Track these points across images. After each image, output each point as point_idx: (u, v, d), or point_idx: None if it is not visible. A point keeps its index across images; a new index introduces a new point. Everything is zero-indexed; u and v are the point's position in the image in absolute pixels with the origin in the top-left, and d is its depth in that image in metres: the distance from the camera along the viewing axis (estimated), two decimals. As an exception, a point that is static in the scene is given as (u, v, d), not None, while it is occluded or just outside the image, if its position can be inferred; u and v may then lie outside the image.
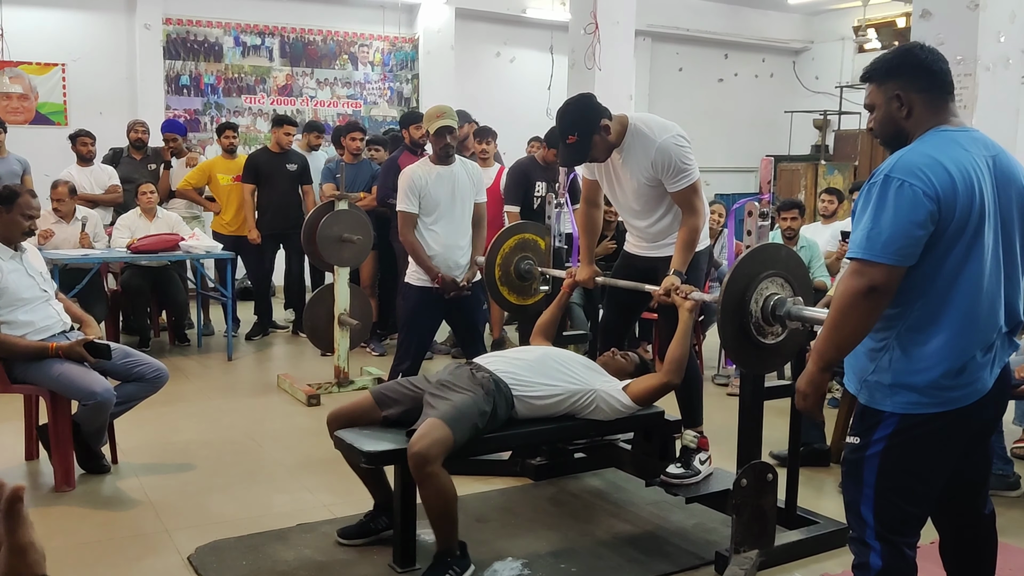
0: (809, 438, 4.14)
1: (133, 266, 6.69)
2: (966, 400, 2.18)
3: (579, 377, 3.38)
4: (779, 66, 12.92)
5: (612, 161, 3.57)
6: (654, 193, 3.53)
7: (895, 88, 2.24)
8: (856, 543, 2.30)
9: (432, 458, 2.89)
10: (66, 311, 4.16)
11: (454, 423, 2.99)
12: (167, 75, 9.36)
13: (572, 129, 3.38)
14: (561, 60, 8.97)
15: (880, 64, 2.30)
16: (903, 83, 2.24)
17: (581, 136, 3.38)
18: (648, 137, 3.43)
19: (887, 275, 2.09)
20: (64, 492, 3.88)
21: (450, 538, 3.03)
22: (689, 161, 3.44)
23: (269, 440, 4.71)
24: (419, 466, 2.89)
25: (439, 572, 3.01)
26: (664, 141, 3.41)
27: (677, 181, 3.44)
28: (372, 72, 10.41)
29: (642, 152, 3.45)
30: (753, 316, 2.97)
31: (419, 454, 2.89)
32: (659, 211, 3.59)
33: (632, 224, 3.74)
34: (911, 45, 2.34)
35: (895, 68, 2.26)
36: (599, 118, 3.40)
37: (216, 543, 3.37)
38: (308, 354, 6.80)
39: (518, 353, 3.54)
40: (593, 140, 3.39)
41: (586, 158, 3.48)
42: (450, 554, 3.03)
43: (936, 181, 2.08)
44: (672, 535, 3.55)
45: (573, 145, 3.40)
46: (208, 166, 7.49)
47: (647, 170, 3.46)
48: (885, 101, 2.27)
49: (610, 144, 3.46)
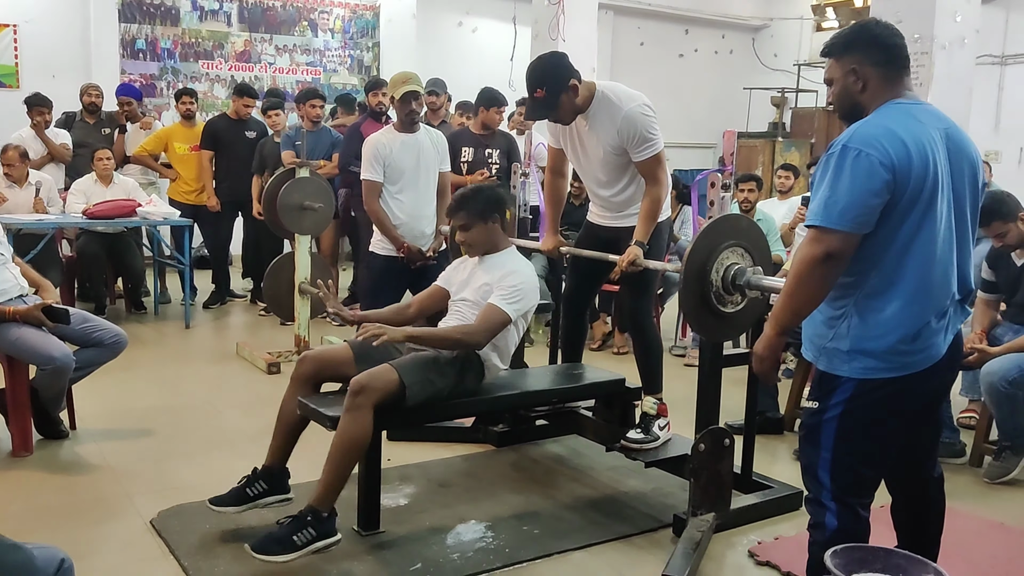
0: (764, 407, 4.24)
1: (89, 232, 6.59)
2: (921, 365, 2.26)
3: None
4: (739, 43, 13.02)
5: (578, 128, 3.59)
6: (619, 162, 3.56)
7: (851, 62, 2.31)
8: (813, 504, 2.38)
9: (369, 389, 2.92)
10: (23, 275, 4.10)
11: (404, 371, 3.02)
12: (122, 38, 9.16)
13: (541, 83, 3.41)
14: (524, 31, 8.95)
15: (838, 39, 2.36)
16: (859, 57, 2.30)
17: (549, 92, 3.39)
18: (615, 105, 3.46)
19: (843, 242, 2.15)
20: (22, 457, 3.84)
21: (328, 493, 2.91)
22: (654, 131, 3.48)
23: (229, 407, 4.70)
24: (354, 392, 2.93)
25: (293, 529, 2.85)
26: (630, 110, 3.44)
27: (642, 151, 3.47)
28: (332, 39, 10.29)
29: (608, 120, 3.48)
30: (714, 285, 3.04)
31: (359, 381, 2.94)
32: (623, 180, 3.63)
33: (596, 193, 3.77)
34: (867, 20, 2.41)
35: (851, 43, 2.32)
36: (569, 77, 3.42)
37: (178, 507, 3.37)
38: (266, 323, 6.77)
39: (458, 301, 3.47)
40: (560, 98, 3.41)
41: (552, 114, 3.49)
42: (316, 514, 2.88)
43: (892, 151, 2.14)
44: (631, 499, 3.63)
45: (540, 100, 3.42)
46: (165, 133, 7.37)
47: (612, 138, 3.49)
48: (843, 75, 2.33)
49: (576, 107, 3.48)
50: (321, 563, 2.96)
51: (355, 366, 3.20)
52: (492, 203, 3.39)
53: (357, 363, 3.23)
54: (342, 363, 3.26)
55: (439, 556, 3.06)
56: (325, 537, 2.89)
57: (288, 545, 2.84)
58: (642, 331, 3.75)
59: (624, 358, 5.99)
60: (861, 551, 2.20)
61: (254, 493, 3.23)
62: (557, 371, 3.98)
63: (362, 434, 2.94)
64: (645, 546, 3.23)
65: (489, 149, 6.00)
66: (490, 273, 3.36)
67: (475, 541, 3.19)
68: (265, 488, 3.23)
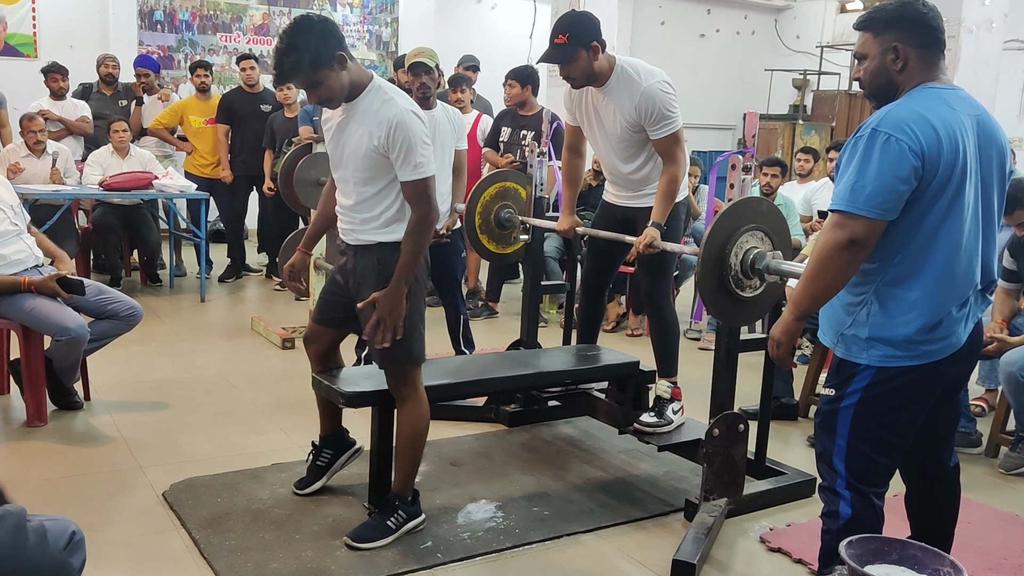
0: (778, 392, 4.21)
1: (105, 204, 6.60)
2: (940, 354, 2.22)
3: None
4: (761, 24, 12.86)
5: (595, 103, 3.55)
6: (636, 139, 3.52)
7: (893, 39, 2.23)
8: (826, 492, 2.36)
9: (406, 394, 2.94)
10: (39, 246, 4.10)
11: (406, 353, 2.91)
12: (140, 10, 9.13)
13: (566, 30, 3.37)
14: (544, 8, 8.88)
15: (879, 14, 2.27)
16: (901, 35, 2.23)
17: (571, 41, 3.35)
18: (634, 80, 3.42)
19: (868, 228, 2.11)
20: (36, 427, 3.86)
21: (407, 479, 3.03)
22: (673, 109, 3.43)
23: (243, 381, 4.70)
24: (395, 388, 2.94)
25: (385, 516, 2.99)
26: (649, 86, 3.40)
27: (660, 128, 3.43)
28: (351, 14, 10.22)
29: (627, 95, 3.43)
30: (732, 269, 3.00)
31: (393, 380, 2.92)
32: (640, 158, 3.58)
33: (612, 171, 3.72)
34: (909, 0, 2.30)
35: (895, 20, 2.24)
36: (594, 37, 3.38)
37: (191, 480, 3.38)
38: (281, 298, 6.78)
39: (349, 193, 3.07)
40: (579, 52, 3.36)
41: (565, 65, 3.41)
42: (401, 497, 3.03)
43: (922, 137, 2.09)
44: (643, 482, 3.61)
45: (560, 46, 3.37)
46: (181, 106, 7.35)
47: (631, 114, 3.44)
48: (880, 52, 2.26)
49: (591, 72, 3.42)
50: (331, 539, 2.97)
51: (334, 330, 3.17)
52: (324, 41, 2.70)
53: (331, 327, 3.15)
54: (323, 336, 3.18)
55: (449, 535, 3.06)
56: (414, 518, 3.04)
57: (384, 530, 2.96)
58: (659, 313, 3.72)
59: (638, 340, 5.96)
60: (876, 541, 2.18)
61: (325, 462, 3.34)
62: (571, 352, 3.97)
63: (423, 419, 2.98)
64: (656, 530, 3.21)
65: (524, 130, 5.99)
66: (367, 123, 2.79)
67: (485, 521, 3.19)
68: (332, 453, 3.34)
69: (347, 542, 2.93)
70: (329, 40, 2.70)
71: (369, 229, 2.90)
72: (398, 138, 2.73)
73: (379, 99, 2.79)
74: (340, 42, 2.73)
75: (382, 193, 2.86)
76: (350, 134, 2.84)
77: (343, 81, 2.76)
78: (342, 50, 2.73)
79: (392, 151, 2.76)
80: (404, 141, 2.73)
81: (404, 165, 2.77)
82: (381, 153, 2.77)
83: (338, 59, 2.72)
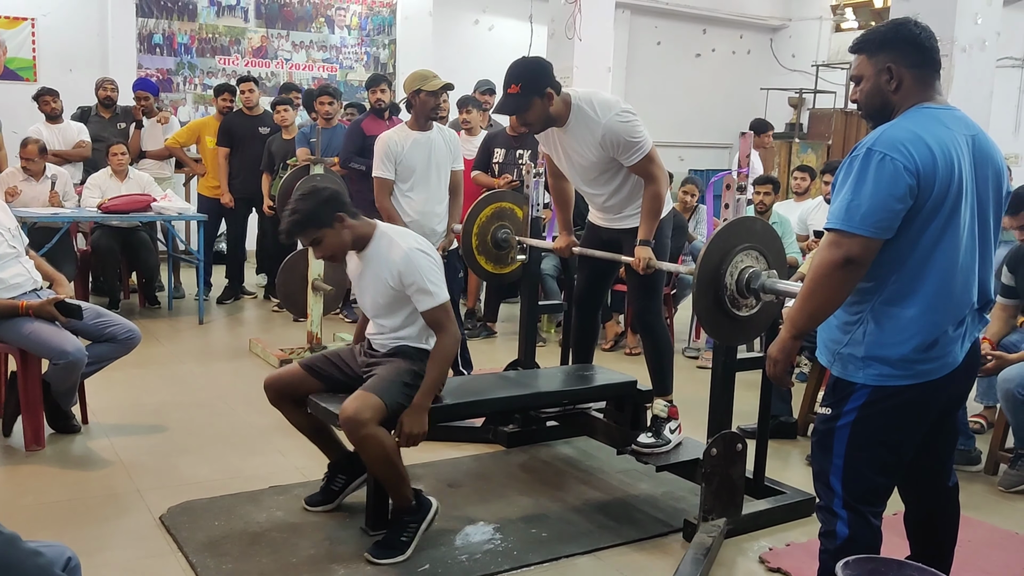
0: (777, 411, 4.21)
1: (103, 226, 6.62)
2: (937, 373, 2.22)
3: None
4: (756, 43, 12.94)
5: (560, 140, 3.59)
6: (605, 167, 3.56)
7: (886, 60, 2.25)
8: (824, 511, 2.35)
9: (364, 421, 2.91)
10: (37, 269, 4.11)
11: (382, 391, 3.01)
12: (139, 33, 9.19)
13: (517, 80, 3.41)
14: (540, 30, 8.93)
15: (873, 36, 2.29)
16: (895, 56, 2.24)
17: (524, 91, 3.39)
18: (592, 118, 3.45)
19: (864, 247, 2.12)
20: (34, 451, 3.86)
21: (401, 493, 3.06)
22: (638, 134, 3.46)
23: (242, 404, 4.70)
24: (353, 430, 2.93)
25: (396, 533, 3.04)
26: (609, 121, 3.42)
27: (631, 155, 3.47)
28: (349, 36, 10.29)
29: (588, 133, 3.47)
30: (728, 288, 3.01)
31: (349, 419, 2.92)
32: (612, 185, 3.63)
33: (589, 198, 3.77)
34: (905, 20, 2.32)
35: (888, 41, 2.26)
36: (547, 85, 3.41)
37: (188, 504, 3.37)
38: (280, 319, 6.78)
39: (375, 319, 3.37)
40: (533, 100, 3.40)
41: (521, 114, 3.47)
42: (406, 511, 3.07)
43: (917, 157, 2.10)
44: (641, 502, 3.60)
45: (513, 96, 3.42)
46: (199, 126, 7.43)
47: (596, 150, 3.49)
48: (875, 73, 2.27)
49: (548, 116, 3.46)
50: (328, 563, 2.96)
51: (315, 382, 3.27)
52: (325, 204, 3.09)
53: (315, 376, 3.28)
54: (301, 383, 3.28)
55: (447, 557, 3.05)
56: (424, 517, 3.11)
57: (400, 546, 3.02)
58: (651, 331, 3.73)
59: (636, 359, 5.96)
60: (873, 562, 2.17)
61: (339, 486, 3.40)
62: (568, 372, 3.97)
63: (384, 447, 2.97)
64: (655, 551, 3.20)
65: (520, 151, 6.01)
66: (379, 268, 3.16)
67: (483, 543, 3.18)
68: (345, 478, 3.40)
69: (368, 558, 2.98)
70: (330, 203, 3.10)
71: (402, 338, 3.24)
72: (409, 275, 3.07)
73: (385, 244, 3.16)
74: (342, 206, 3.13)
75: (408, 319, 3.21)
76: (368, 279, 3.22)
77: (343, 238, 3.13)
78: (343, 211, 3.12)
79: (407, 287, 3.09)
80: (414, 276, 3.07)
81: (419, 296, 3.09)
82: (397, 290, 3.12)
83: (338, 219, 3.10)
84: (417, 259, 3.09)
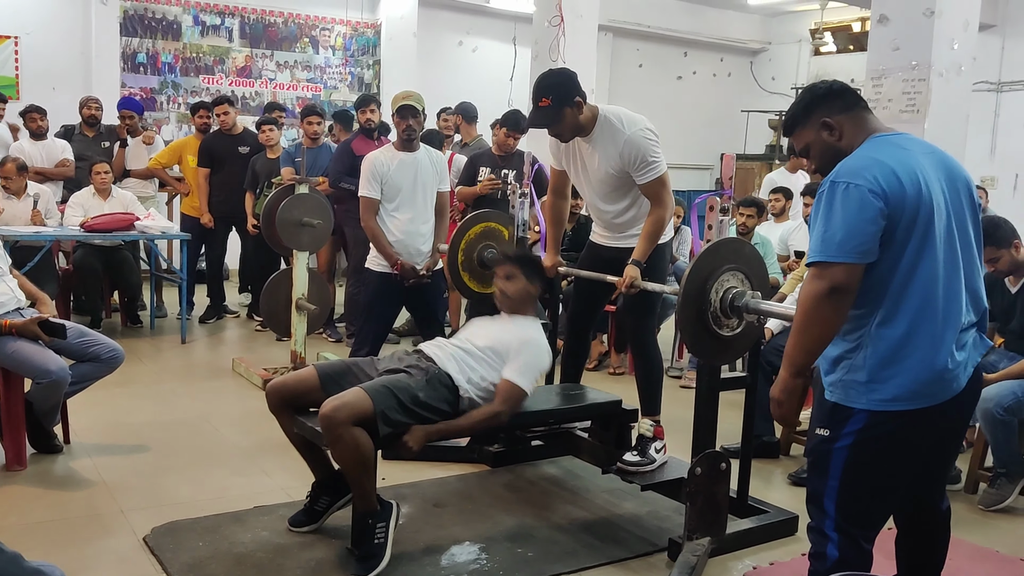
0: (760, 430, 4.23)
1: (86, 245, 6.59)
2: (939, 398, 2.22)
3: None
4: (737, 66, 13.10)
5: (580, 150, 3.62)
6: (621, 183, 3.59)
7: (819, 118, 2.34)
8: (815, 532, 2.34)
9: (339, 420, 2.91)
10: (20, 288, 4.09)
11: (375, 393, 3.00)
12: (123, 52, 9.20)
13: (548, 93, 3.44)
14: (524, 52, 8.99)
15: (795, 109, 2.41)
16: (823, 111, 2.33)
17: (555, 103, 3.43)
18: (617, 129, 3.49)
19: (847, 273, 2.13)
20: (16, 472, 3.83)
21: (366, 496, 3.05)
22: (657, 155, 3.51)
23: (225, 423, 4.68)
24: (328, 428, 2.93)
25: (370, 540, 3.04)
26: (632, 134, 3.48)
27: (645, 173, 3.51)
28: (333, 56, 10.34)
29: (611, 143, 3.51)
30: (712, 304, 3.04)
31: (326, 415, 2.92)
32: (625, 201, 3.66)
33: (597, 213, 3.79)
34: (809, 85, 2.46)
35: (810, 104, 2.37)
36: (575, 94, 3.46)
37: (172, 524, 3.35)
38: (262, 339, 6.76)
39: (465, 342, 3.45)
40: (564, 111, 3.45)
41: (553, 126, 3.51)
42: (371, 514, 3.06)
43: (881, 179, 2.14)
44: (626, 522, 3.62)
45: (544, 109, 3.45)
46: (180, 146, 7.42)
47: (615, 161, 3.52)
48: (815, 134, 2.36)
49: (577, 125, 3.51)
50: (315, 583, 2.95)
51: (322, 391, 3.19)
52: (541, 270, 3.58)
53: (324, 387, 3.22)
54: (309, 390, 3.25)
55: (433, 577, 3.05)
56: (389, 516, 3.11)
57: (378, 550, 3.04)
58: (644, 351, 3.76)
59: (620, 378, 5.99)
60: (860, 583, 2.19)
61: (323, 507, 3.39)
62: (554, 391, 3.98)
63: (357, 447, 2.94)
64: (640, 570, 3.21)
65: (505, 170, 6.05)
66: (510, 332, 3.40)
67: (469, 563, 3.18)
68: (328, 500, 3.38)
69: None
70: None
71: (470, 384, 3.31)
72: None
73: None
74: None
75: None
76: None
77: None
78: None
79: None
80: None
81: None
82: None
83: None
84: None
